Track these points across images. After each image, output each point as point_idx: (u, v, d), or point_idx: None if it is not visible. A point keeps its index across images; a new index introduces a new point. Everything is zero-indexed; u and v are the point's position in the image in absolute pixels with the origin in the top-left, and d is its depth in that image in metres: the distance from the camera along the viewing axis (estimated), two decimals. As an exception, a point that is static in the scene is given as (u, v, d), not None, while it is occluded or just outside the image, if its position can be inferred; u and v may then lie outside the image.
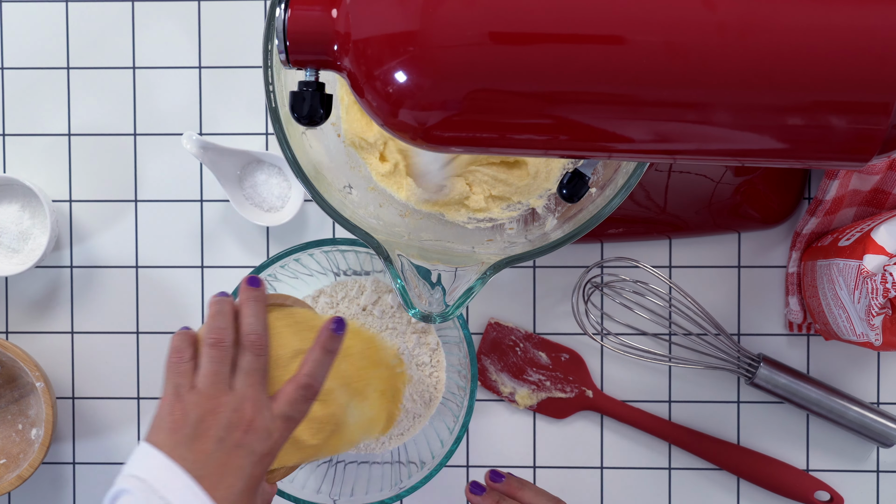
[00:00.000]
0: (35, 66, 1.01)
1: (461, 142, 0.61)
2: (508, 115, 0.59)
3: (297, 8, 0.60)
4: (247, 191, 0.99)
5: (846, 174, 0.92)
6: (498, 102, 0.58)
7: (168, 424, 0.72)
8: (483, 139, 0.61)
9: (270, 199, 0.99)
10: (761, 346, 1.00)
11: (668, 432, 0.99)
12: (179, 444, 0.70)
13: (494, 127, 0.60)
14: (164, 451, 0.70)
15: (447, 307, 0.75)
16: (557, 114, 0.59)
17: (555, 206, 0.87)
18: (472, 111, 0.59)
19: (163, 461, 0.70)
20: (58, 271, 1.01)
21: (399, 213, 0.87)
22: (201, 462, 0.70)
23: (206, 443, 0.71)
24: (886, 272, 0.82)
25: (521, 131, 0.60)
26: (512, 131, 0.60)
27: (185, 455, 0.70)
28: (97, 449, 1.02)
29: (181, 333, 0.76)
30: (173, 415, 0.72)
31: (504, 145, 0.62)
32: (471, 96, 0.58)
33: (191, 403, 0.72)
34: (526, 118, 0.59)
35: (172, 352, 0.75)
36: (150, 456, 0.70)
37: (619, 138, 0.60)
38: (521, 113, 0.59)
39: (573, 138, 0.60)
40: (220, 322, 0.76)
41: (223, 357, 0.74)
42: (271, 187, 0.99)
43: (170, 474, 0.69)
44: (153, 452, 0.70)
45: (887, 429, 0.95)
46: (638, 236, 0.99)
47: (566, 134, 0.60)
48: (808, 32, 0.54)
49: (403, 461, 0.96)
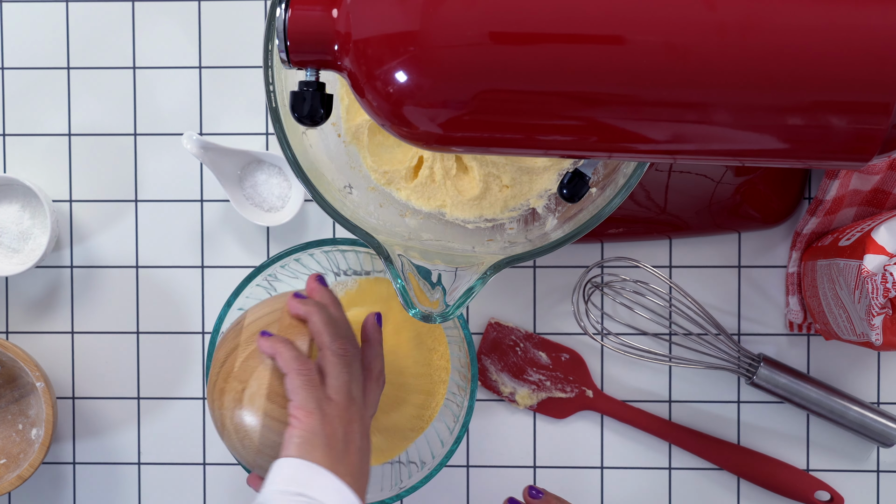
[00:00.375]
0: (35, 66, 1.01)
1: (461, 142, 0.61)
2: (509, 116, 0.59)
3: (298, 8, 0.60)
4: (247, 191, 0.99)
5: (846, 174, 0.92)
6: (498, 102, 0.58)
7: (322, 441, 0.73)
8: (483, 139, 0.61)
9: (270, 199, 0.99)
10: (761, 346, 1.00)
11: (668, 432, 0.99)
12: (337, 462, 0.73)
13: (494, 127, 0.60)
14: (328, 469, 0.72)
15: (447, 307, 0.75)
16: (557, 114, 0.59)
17: (555, 206, 0.87)
18: (472, 111, 0.59)
19: (333, 482, 0.72)
20: (58, 271, 1.01)
21: (399, 212, 0.87)
22: (354, 476, 0.73)
23: (353, 455, 0.74)
24: (886, 272, 0.82)
25: (522, 131, 0.60)
26: (512, 131, 0.60)
27: (343, 471, 0.73)
28: (97, 449, 1.02)
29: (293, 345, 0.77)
30: (325, 430, 0.74)
31: (504, 145, 0.62)
32: (471, 96, 0.58)
33: (335, 417, 0.74)
34: (526, 118, 0.59)
35: (301, 368, 0.76)
36: (319, 475, 0.72)
37: (619, 138, 0.60)
38: (521, 113, 0.59)
39: (573, 138, 0.60)
40: (341, 331, 0.79)
41: (349, 365, 0.77)
42: (271, 187, 0.99)
43: (339, 498, 0.71)
44: (322, 472, 0.72)
45: (887, 429, 0.95)
46: (638, 236, 0.99)
47: (566, 134, 0.60)
48: (809, 32, 0.54)
49: (403, 461, 0.96)
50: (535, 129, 0.60)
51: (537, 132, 0.60)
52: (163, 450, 1.02)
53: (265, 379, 0.77)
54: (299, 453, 0.73)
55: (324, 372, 0.77)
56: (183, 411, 1.01)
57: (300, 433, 0.73)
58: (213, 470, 1.02)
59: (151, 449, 1.02)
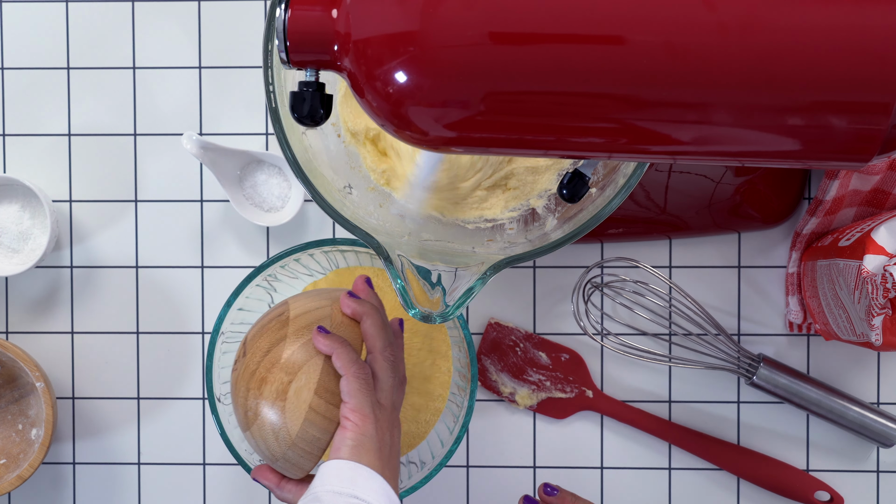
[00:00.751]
0: (35, 66, 1.01)
1: (461, 142, 0.61)
2: (509, 116, 0.59)
3: (298, 8, 0.60)
4: (247, 191, 0.99)
5: (846, 174, 0.92)
6: (498, 103, 0.58)
7: (375, 445, 0.75)
8: (484, 139, 0.61)
9: (270, 199, 0.99)
10: (761, 346, 1.00)
11: (668, 432, 0.99)
12: (385, 466, 0.76)
13: (495, 127, 0.60)
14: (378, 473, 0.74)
15: (447, 307, 0.74)
16: (556, 114, 0.58)
17: (555, 206, 0.87)
18: (472, 111, 0.59)
19: (382, 485, 0.74)
20: (58, 271, 1.01)
21: (399, 213, 0.87)
22: (395, 479, 0.77)
23: (394, 459, 0.77)
24: (886, 272, 0.82)
25: (522, 131, 0.60)
26: (512, 131, 0.60)
27: (389, 475, 0.76)
28: (97, 449, 1.02)
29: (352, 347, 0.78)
30: (378, 435, 0.75)
31: (505, 145, 0.62)
32: (471, 96, 0.58)
33: (384, 422, 0.77)
34: (526, 119, 0.59)
35: (360, 372, 0.77)
36: (371, 478, 0.74)
37: (620, 138, 0.59)
38: (521, 113, 0.59)
39: (573, 138, 0.60)
40: (390, 337, 0.81)
41: (396, 371, 0.80)
42: (271, 187, 0.99)
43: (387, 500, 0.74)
44: (373, 475, 0.74)
45: (887, 429, 0.95)
46: (638, 236, 0.99)
47: (566, 134, 0.60)
48: (808, 32, 0.54)
49: (403, 461, 0.96)
50: (534, 130, 0.60)
51: (537, 132, 0.60)
52: (163, 450, 1.02)
53: (315, 374, 0.77)
54: (352, 456, 0.74)
55: (375, 376, 0.78)
56: (183, 411, 1.01)
57: (354, 436, 0.75)
58: (213, 470, 1.02)
59: (151, 449, 1.02)
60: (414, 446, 0.96)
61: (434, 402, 0.96)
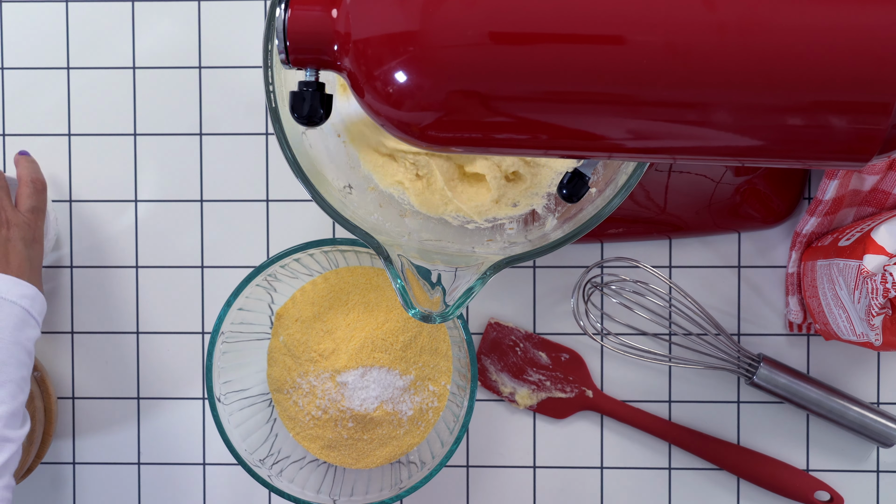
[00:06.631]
0: (35, 66, 1.01)
1: (462, 142, 0.61)
2: (509, 115, 0.59)
3: (297, 8, 0.60)
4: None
5: (846, 174, 0.92)
6: (499, 102, 0.58)
7: None
8: (484, 139, 0.61)
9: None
10: (761, 346, 1.00)
11: (668, 432, 0.99)
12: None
13: (495, 127, 0.60)
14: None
15: (447, 307, 0.74)
16: (558, 114, 0.59)
17: (555, 206, 0.87)
18: (472, 111, 0.59)
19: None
20: (58, 271, 1.01)
21: (399, 212, 0.87)
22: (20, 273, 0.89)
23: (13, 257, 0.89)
24: (886, 272, 0.82)
25: (522, 131, 0.60)
26: (513, 131, 0.60)
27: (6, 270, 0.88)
28: (97, 449, 1.02)
29: None
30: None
31: (505, 145, 0.62)
32: (471, 96, 0.58)
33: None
34: (526, 119, 0.59)
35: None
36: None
37: (620, 138, 0.60)
38: (521, 113, 0.59)
39: (573, 138, 0.60)
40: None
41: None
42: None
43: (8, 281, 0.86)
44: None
45: (887, 429, 0.95)
46: (638, 236, 0.99)
47: (566, 134, 0.60)
48: (808, 32, 0.54)
49: (403, 461, 0.96)
50: (535, 129, 0.60)
51: (537, 132, 0.60)
52: (163, 450, 1.02)
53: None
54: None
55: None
56: (183, 411, 1.02)
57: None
58: (213, 470, 1.02)
59: (151, 449, 1.02)
60: (414, 446, 0.96)
61: (434, 401, 0.96)
